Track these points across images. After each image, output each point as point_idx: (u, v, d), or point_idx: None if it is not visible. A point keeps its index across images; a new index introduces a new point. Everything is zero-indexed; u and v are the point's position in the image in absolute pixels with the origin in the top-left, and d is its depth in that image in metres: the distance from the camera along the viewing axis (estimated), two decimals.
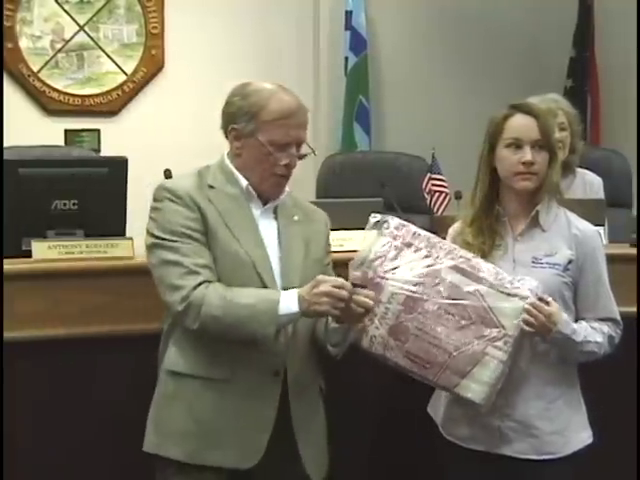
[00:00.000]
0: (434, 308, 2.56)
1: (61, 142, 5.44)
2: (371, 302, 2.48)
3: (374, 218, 2.65)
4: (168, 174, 3.31)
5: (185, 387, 2.55)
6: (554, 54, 6.17)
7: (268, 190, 2.62)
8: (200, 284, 2.47)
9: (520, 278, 2.58)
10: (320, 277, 2.47)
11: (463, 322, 2.55)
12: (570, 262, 2.67)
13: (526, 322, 2.53)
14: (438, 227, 3.56)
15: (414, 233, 2.64)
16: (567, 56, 6.14)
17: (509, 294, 2.54)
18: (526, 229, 2.69)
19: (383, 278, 2.59)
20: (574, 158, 3.86)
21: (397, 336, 2.59)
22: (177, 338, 2.57)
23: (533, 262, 2.66)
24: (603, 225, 3.40)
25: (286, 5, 5.89)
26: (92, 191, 2.99)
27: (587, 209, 3.49)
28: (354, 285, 2.47)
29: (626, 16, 5.92)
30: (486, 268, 2.58)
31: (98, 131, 5.62)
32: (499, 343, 2.54)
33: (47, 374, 2.76)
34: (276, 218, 2.66)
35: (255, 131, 2.59)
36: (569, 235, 2.70)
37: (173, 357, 2.58)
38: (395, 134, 6.00)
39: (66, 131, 5.55)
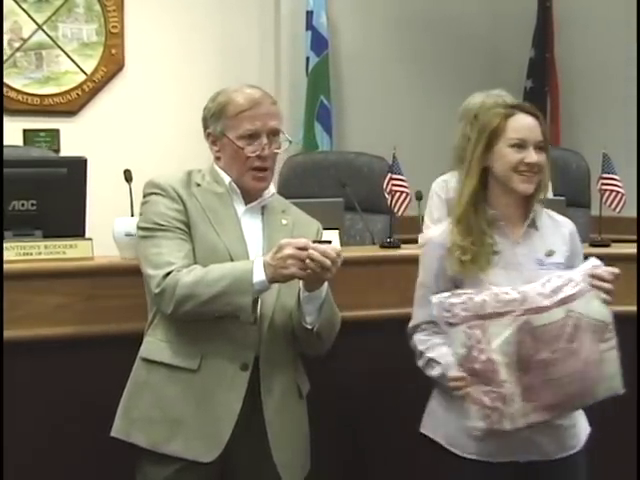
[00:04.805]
0: (544, 357, 2.50)
1: (20, 142, 5.39)
2: (334, 253, 2.45)
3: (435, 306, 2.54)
4: (128, 175, 3.29)
5: (155, 375, 2.58)
6: (514, 55, 6.20)
7: (249, 186, 2.65)
8: (173, 270, 2.50)
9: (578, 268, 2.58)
10: (283, 241, 2.47)
11: (573, 345, 2.51)
12: (567, 258, 2.66)
13: (598, 277, 2.52)
14: (399, 227, 3.59)
15: (480, 303, 2.51)
16: (527, 57, 6.18)
17: (587, 289, 2.52)
18: (525, 232, 2.66)
19: (490, 359, 2.51)
20: None
21: (530, 399, 2.52)
22: (153, 328, 2.62)
23: (538, 265, 2.63)
24: None
25: (247, 5, 5.87)
26: (51, 191, 2.95)
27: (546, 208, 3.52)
28: (316, 242, 2.48)
29: (586, 16, 5.97)
30: (554, 285, 2.53)
31: (57, 131, 5.57)
32: (606, 335, 2.53)
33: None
34: (263, 220, 2.68)
35: (224, 130, 2.63)
36: (559, 232, 2.70)
37: (147, 345, 2.62)
38: (356, 134, 6.00)
39: (25, 131, 5.49)
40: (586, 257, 2.66)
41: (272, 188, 2.71)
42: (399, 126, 5.88)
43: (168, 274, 2.49)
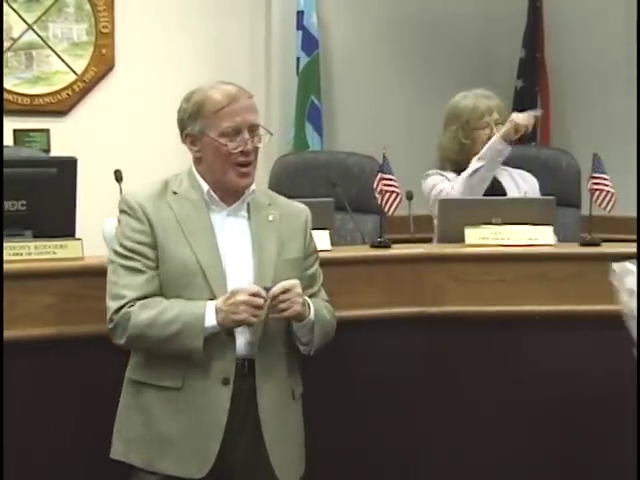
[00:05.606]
0: None
1: (10, 142, 5.37)
2: (287, 296, 2.51)
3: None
4: (118, 175, 3.28)
5: (143, 395, 2.59)
6: (504, 55, 6.20)
7: (233, 183, 2.62)
8: (126, 304, 2.52)
9: None
10: (235, 288, 2.50)
11: None
12: None
13: None
14: (389, 227, 3.59)
15: None
16: (517, 57, 6.18)
17: None
18: None
19: None
20: None
21: None
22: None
23: None
24: (552, 224, 3.43)
25: (238, 5, 5.87)
26: (41, 192, 2.95)
27: (536, 208, 3.54)
28: (267, 289, 2.50)
29: (575, 16, 5.97)
30: None
31: (47, 131, 5.55)
32: None
33: None
34: (249, 218, 2.66)
35: (203, 129, 2.61)
36: None
37: (133, 366, 2.63)
38: (347, 134, 6.00)
39: (15, 131, 5.48)
40: None
41: (253, 184, 2.70)
42: (390, 126, 5.88)
43: (120, 309, 2.52)
